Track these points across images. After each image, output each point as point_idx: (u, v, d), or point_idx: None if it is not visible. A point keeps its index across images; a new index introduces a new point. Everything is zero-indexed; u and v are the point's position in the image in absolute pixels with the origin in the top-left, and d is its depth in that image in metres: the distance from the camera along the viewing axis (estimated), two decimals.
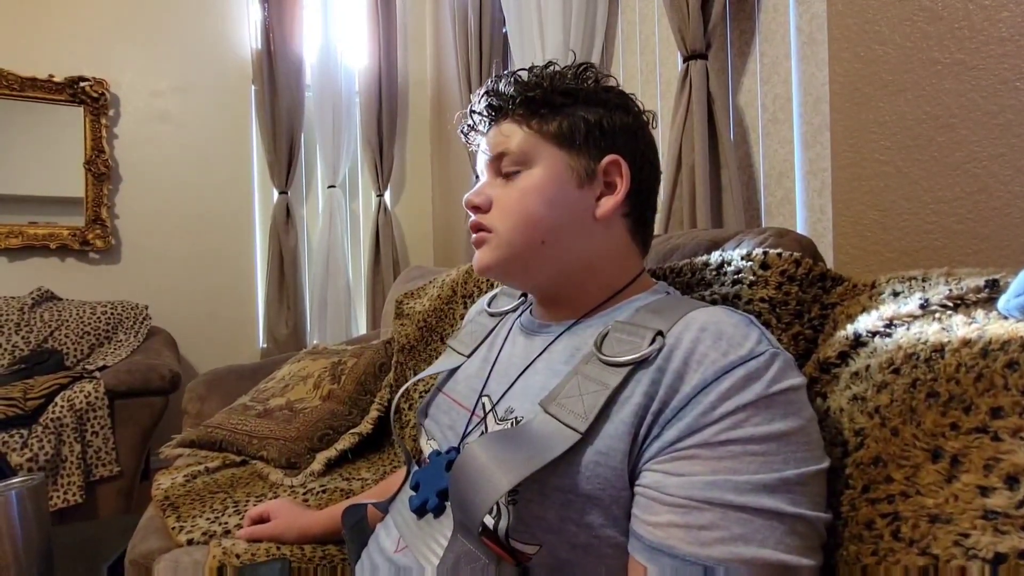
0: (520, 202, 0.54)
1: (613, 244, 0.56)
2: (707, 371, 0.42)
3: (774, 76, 1.23)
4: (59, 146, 2.42)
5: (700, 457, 0.39)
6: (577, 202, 0.54)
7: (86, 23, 2.45)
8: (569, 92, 0.55)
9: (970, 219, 0.89)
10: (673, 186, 1.30)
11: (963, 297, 0.42)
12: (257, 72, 2.62)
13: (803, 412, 0.41)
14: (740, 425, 0.39)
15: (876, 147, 1.00)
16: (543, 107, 0.55)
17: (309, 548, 0.87)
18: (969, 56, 0.87)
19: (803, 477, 0.38)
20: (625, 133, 0.56)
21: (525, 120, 0.55)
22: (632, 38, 1.64)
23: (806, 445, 0.40)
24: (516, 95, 0.55)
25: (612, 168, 0.55)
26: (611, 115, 0.56)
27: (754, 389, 0.40)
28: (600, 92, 0.57)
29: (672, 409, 0.42)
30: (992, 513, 0.31)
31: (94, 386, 1.84)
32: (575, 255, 0.55)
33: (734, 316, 0.46)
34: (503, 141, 0.55)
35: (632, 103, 0.59)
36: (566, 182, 0.54)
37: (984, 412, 0.34)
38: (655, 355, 0.45)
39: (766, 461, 0.38)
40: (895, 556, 0.34)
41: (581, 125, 0.55)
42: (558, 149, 0.54)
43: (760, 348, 0.42)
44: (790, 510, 0.37)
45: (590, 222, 0.55)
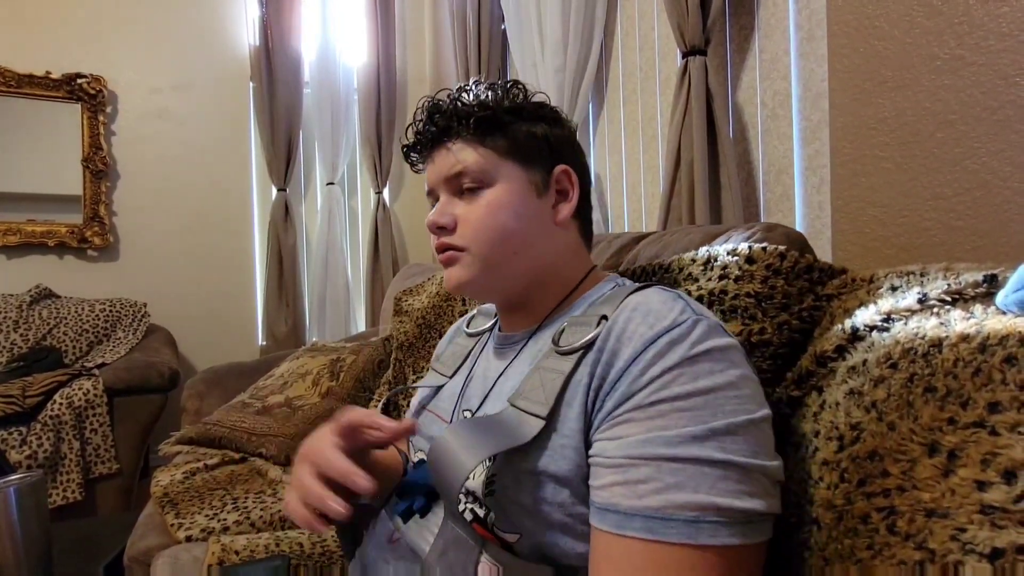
0: (491, 217, 0.56)
1: (569, 245, 0.61)
2: (636, 344, 0.45)
3: (773, 72, 1.23)
4: (57, 143, 2.41)
5: (634, 420, 0.43)
6: (539, 211, 0.58)
7: (84, 20, 2.44)
8: (514, 110, 0.59)
9: (969, 215, 0.89)
10: (672, 183, 1.30)
11: (961, 292, 0.41)
12: (256, 69, 2.61)
13: (730, 370, 0.43)
14: (667, 386, 0.42)
15: (875, 143, 1.00)
16: (493, 126, 0.58)
17: (308, 544, 0.88)
18: (968, 52, 0.87)
19: (732, 427, 0.41)
20: (567, 144, 0.61)
21: (478, 139, 0.58)
22: (631, 34, 1.63)
23: (735, 398, 0.42)
24: (466, 116, 0.57)
25: (563, 177, 0.60)
26: (552, 128, 0.61)
27: (678, 352, 0.43)
28: (537, 108, 0.61)
29: (609, 382, 0.45)
30: (989, 508, 0.31)
31: (93, 383, 1.83)
32: (542, 260, 0.59)
33: (663, 294, 0.50)
34: (460, 159, 0.58)
35: (562, 116, 0.64)
36: (527, 194, 0.58)
37: (982, 407, 0.34)
38: (597, 338, 0.49)
39: (694, 415, 0.41)
40: (891, 550, 0.34)
41: (532, 140, 0.59)
42: (515, 164, 0.58)
43: (683, 317, 0.46)
44: (719, 456, 0.40)
45: (552, 228, 0.59)
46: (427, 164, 0.62)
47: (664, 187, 1.32)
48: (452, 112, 0.59)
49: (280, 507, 1.04)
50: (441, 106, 0.60)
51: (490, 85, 0.61)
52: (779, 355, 0.54)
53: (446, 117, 0.59)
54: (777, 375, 0.54)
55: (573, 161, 0.61)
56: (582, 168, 0.63)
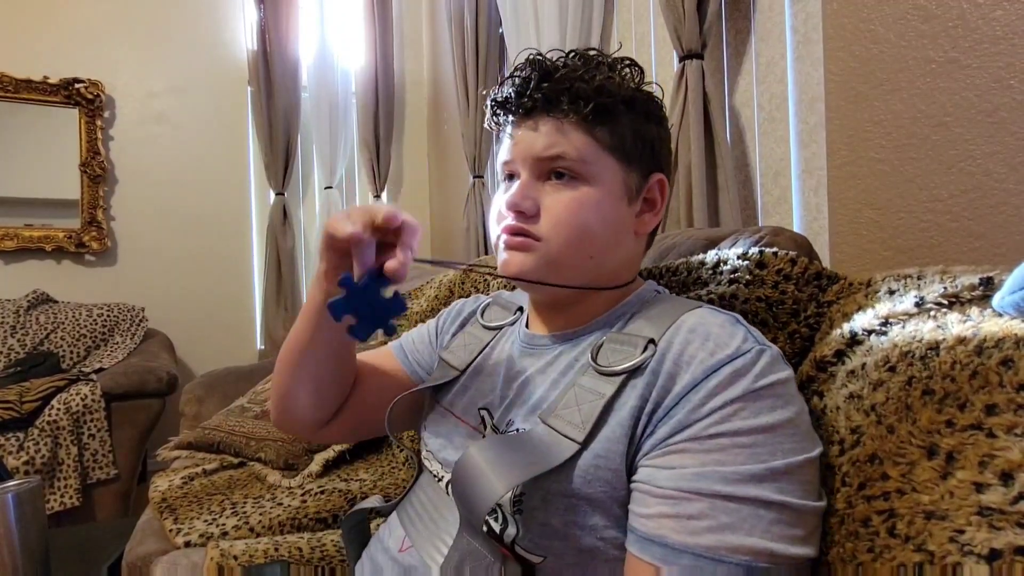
0: (577, 215, 0.51)
1: (635, 256, 0.58)
2: (696, 370, 0.43)
3: (770, 75, 1.23)
4: (54, 148, 2.41)
5: (690, 451, 0.41)
6: (625, 219, 0.54)
7: (81, 25, 2.44)
8: (630, 100, 0.53)
9: (965, 217, 0.89)
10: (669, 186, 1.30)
11: (958, 295, 0.42)
12: (253, 73, 2.61)
13: (791, 404, 0.42)
14: (728, 419, 0.40)
15: (871, 146, 1.01)
16: (607, 115, 0.52)
17: (307, 549, 0.87)
18: (963, 55, 0.88)
19: (791, 467, 0.39)
20: (666, 149, 0.57)
21: (588, 125, 0.51)
22: (628, 38, 1.64)
23: (793, 436, 0.41)
24: (585, 97, 0.51)
25: (656, 187, 0.55)
26: (659, 129, 0.56)
27: (741, 384, 0.41)
28: (649, 102, 0.55)
29: (664, 408, 0.43)
30: (987, 509, 0.31)
31: (91, 389, 1.83)
32: (609, 267, 0.55)
33: (720, 316, 0.47)
34: (561, 142, 0.51)
35: (666, 116, 0.58)
36: (620, 198, 0.53)
37: (979, 409, 0.34)
38: (647, 362, 0.46)
39: (754, 452, 0.39)
40: (891, 553, 0.34)
41: (639, 141, 0.53)
42: (617, 163, 0.53)
43: (746, 346, 0.43)
44: (777, 498, 0.38)
45: (630, 237, 0.55)
46: (515, 132, 0.54)
47: None
48: (567, 88, 0.51)
49: (279, 512, 1.04)
50: (554, 73, 0.52)
51: (605, 61, 0.54)
52: (791, 364, 0.54)
53: (560, 90, 0.51)
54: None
55: (667, 169, 0.57)
56: (671, 176, 0.59)
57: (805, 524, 0.39)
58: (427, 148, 3.04)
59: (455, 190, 2.67)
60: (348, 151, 2.81)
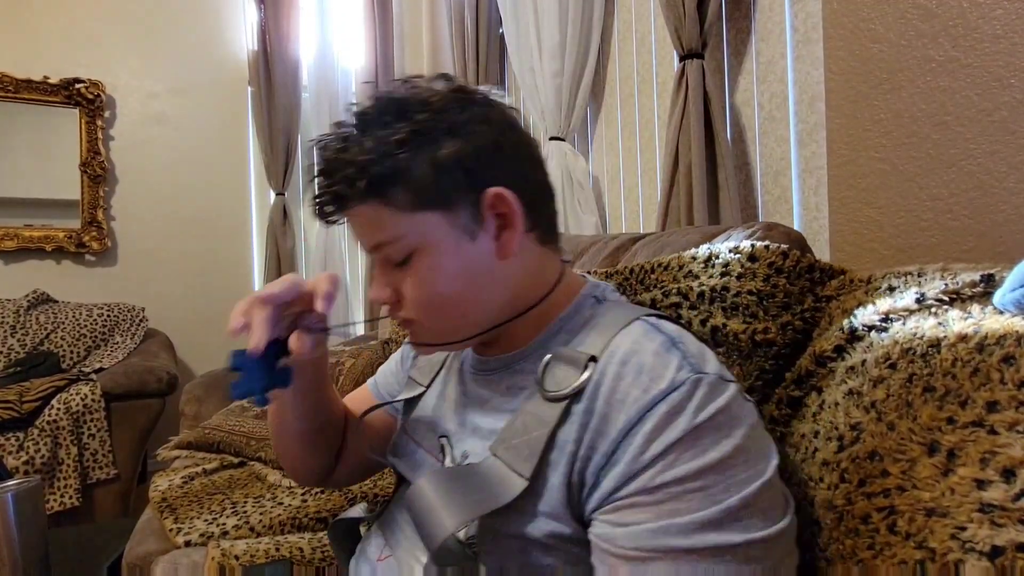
0: (425, 290, 0.48)
1: (528, 269, 0.52)
2: (630, 410, 0.41)
3: (770, 75, 1.23)
4: (55, 148, 2.41)
5: (641, 504, 0.39)
6: (479, 256, 0.49)
7: (82, 25, 2.44)
8: (408, 138, 0.46)
9: (965, 216, 0.89)
10: (670, 185, 1.30)
11: (959, 292, 0.42)
12: (253, 73, 2.62)
13: (736, 429, 0.40)
14: (673, 465, 0.38)
15: (871, 145, 1.01)
16: (393, 174, 0.46)
17: (308, 549, 0.87)
18: (963, 54, 0.88)
19: (747, 500, 0.38)
20: (492, 153, 0.48)
21: (379, 201, 0.47)
22: (628, 38, 1.64)
23: (745, 463, 0.39)
24: (352, 179, 0.46)
25: (496, 202, 0.48)
26: (469, 141, 0.47)
27: (679, 424, 0.39)
28: (447, 116, 0.47)
29: (603, 455, 0.41)
30: (989, 506, 0.31)
31: (91, 388, 1.83)
32: (498, 302, 0.51)
33: (655, 338, 0.44)
34: (372, 232, 0.48)
35: (487, 103, 0.50)
36: (459, 244, 0.48)
37: (980, 406, 0.34)
38: (586, 385, 0.44)
39: (707, 495, 0.38)
40: (891, 550, 0.34)
41: (441, 175, 0.47)
42: (433, 213, 0.47)
43: (681, 376, 0.41)
44: (740, 539, 0.37)
45: (500, 265, 0.49)
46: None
47: (662, 189, 1.32)
48: (344, 179, 0.47)
49: (279, 512, 1.04)
50: (327, 164, 0.49)
51: (375, 103, 0.48)
52: (782, 355, 0.53)
53: (339, 184, 0.47)
54: (778, 375, 0.54)
55: (510, 171, 0.49)
56: (523, 170, 0.51)
57: (776, 547, 0.38)
58: None
59: None
60: None
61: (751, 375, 0.53)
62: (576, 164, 1.74)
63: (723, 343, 0.56)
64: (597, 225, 1.71)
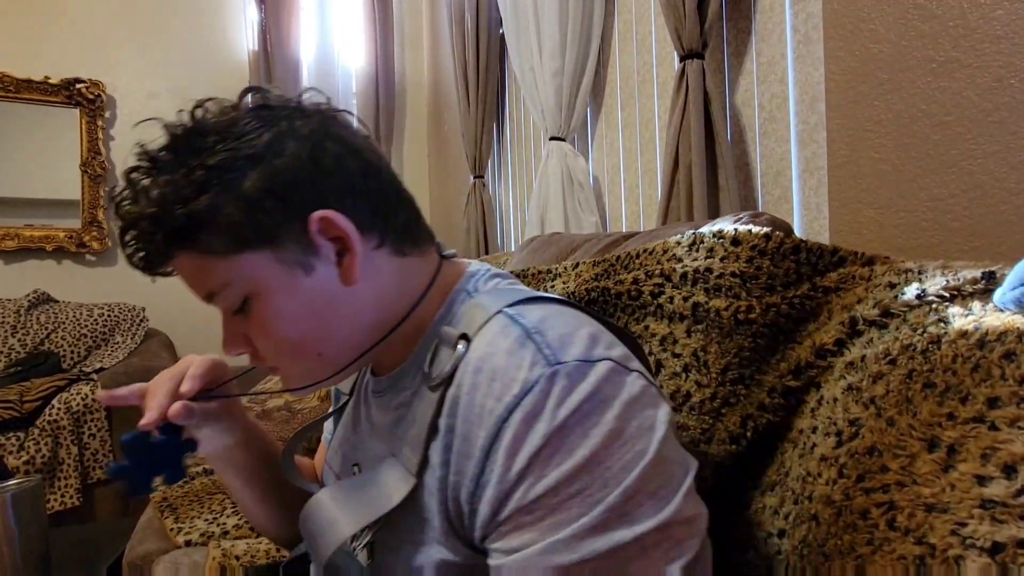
0: (271, 336, 0.44)
1: (386, 283, 0.46)
2: (488, 423, 0.37)
3: (770, 75, 1.24)
4: (55, 148, 2.41)
5: (523, 524, 0.36)
6: (321, 289, 0.43)
7: (83, 25, 2.45)
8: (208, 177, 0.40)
9: (965, 216, 0.89)
10: (670, 185, 1.30)
11: (960, 288, 0.42)
12: (254, 74, 2.62)
13: (605, 415, 0.36)
14: (543, 475, 0.35)
15: (872, 145, 1.01)
16: (198, 220, 0.41)
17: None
18: (964, 54, 0.88)
19: (629, 490, 0.35)
20: (309, 172, 0.42)
21: (192, 250, 0.42)
22: (628, 38, 1.64)
23: (621, 449, 0.35)
24: (151, 231, 0.42)
25: (325, 227, 0.43)
26: (277, 166, 0.41)
27: (539, 429, 0.36)
28: (248, 140, 0.41)
29: (471, 479, 0.38)
30: (989, 502, 0.31)
31: (91, 388, 1.83)
32: (360, 329, 0.46)
33: (510, 336, 0.39)
34: (194, 282, 0.45)
35: (295, 114, 0.44)
36: (293, 281, 0.43)
37: (981, 402, 0.34)
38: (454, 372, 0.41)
39: (584, 498, 0.35)
40: (891, 546, 0.34)
41: (252, 209, 0.41)
42: (255, 253, 0.42)
43: (534, 374, 0.37)
44: (629, 536, 0.34)
45: (349, 292, 0.44)
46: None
47: (662, 189, 1.32)
48: (144, 234, 0.42)
49: None
50: (122, 220, 0.44)
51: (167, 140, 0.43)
52: (761, 334, 0.53)
53: (141, 240, 0.43)
54: (757, 354, 0.53)
55: (326, 185, 0.43)
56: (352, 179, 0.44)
57: (674, 529, 0.35)
58: (427, 148, 3.05)
59: (455, 190, 2.67)
60: None
61: (730, 352, 0.53)
62: (576, 164, 1.74)
63: (703, 320, 0.56)
64: (597, 225, 1.72)
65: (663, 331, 0.59)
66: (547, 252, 1.10)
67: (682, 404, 0.55)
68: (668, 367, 0.57)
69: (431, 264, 0.50)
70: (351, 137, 0.46)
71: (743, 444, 0.50)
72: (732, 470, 0.51)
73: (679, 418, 0.55)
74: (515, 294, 0.44)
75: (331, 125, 0.45)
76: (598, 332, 0.41)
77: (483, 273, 0.50)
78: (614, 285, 0.65)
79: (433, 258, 0.50)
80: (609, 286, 0.66)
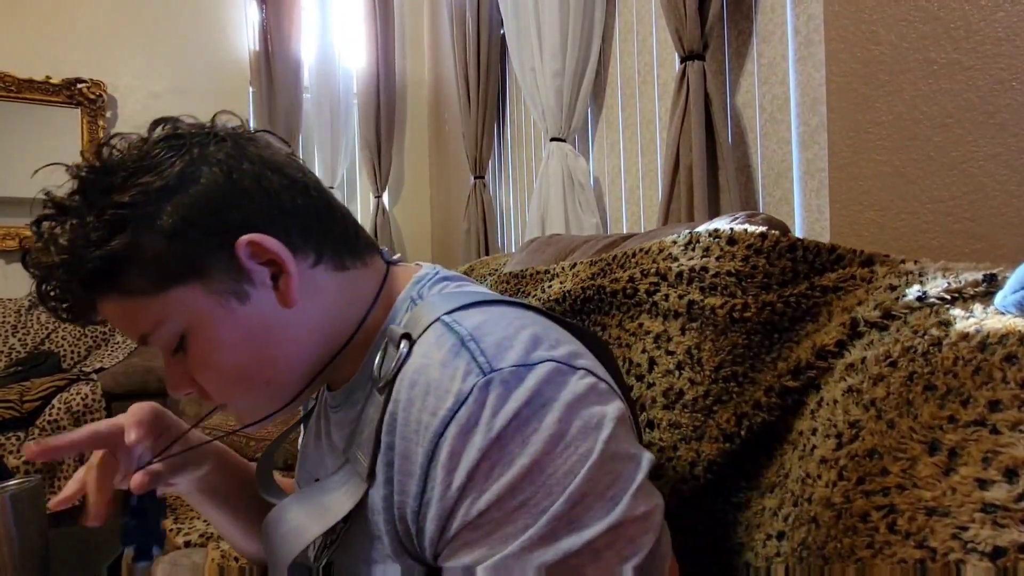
0: (213, 371, 0.43)
1: (329, 300, 0.45)
2: (424, 439, 0.36)
3: (772, 77, 1.24)
4: (56, 148, 2.42)
5: (471, 541, 0.35)
6: (260, 314, 0.42)
7: (84, 25, 2.45)
8: (121, 218, 0.38)
9: (967, 218, 0.89)
10: (671, 186, 1.30)
11: (961, 290, 0.42)
12: (255, 74, 2.62)
13: (546, 418, 0.35)
14: (484, 489, 0.34)
15: (873, 147, 1.01)
16: (112, 267, 0.39)
17: None
18: (965, 56, 0.88)
19: (574, 496, 0.34)
20: (227, 197, 0.40)
21: (116, 294, 0.40)
22: (629, 39, 1.64)
23: (564, 452, 0.34)
24: (67, 280, 0.40)
25: (254, 251, 0.41)
26: (192, 194, 0.40)
27: (475, 442, 0.34)
28: (159, 172, 0.39)
29: (414, 498, 0.37)
30: (991, 506, 0.31)
31: (91, 388, 1.83)
32: (306, 350, 0.44)
33: (445, 345, 0.38)
34: (124, 325, 0.43)
35: (207, 139, 0.42)
36: (229, 311, 0.41)
37: (982, 405, 0.34)
38: (400, 369, 0.40)
39: (529, 508, 0.34)
40: (891, 549, 0.34)
41: (176, 244, 0.39)
42: (183, 288, 0.40)
43: (467, 385, 0.35)
44: (578, 543, 0.33)
45: (290, 315, 0.42)
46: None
47: (663, 191, 1.32)
48: (52, 281, 0.40)
49: None
50: (36, 271, 0.41)
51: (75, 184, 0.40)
52: (756, 331, 0.53)
53: (51, 288, 0.41)
54: (752, 351, 0.52)
55: (248, 207, 0.41)
56: (269, 199, 0.42)
57: (631, 527, 0.35)
58: (428, 148, 3.05)
59: (456, 191, 2.67)
60: (349, 151, 2.82)
61: (724, 349, 0.53)
62: (577, 165, 1.74)
63: (698, 317, 0.56)
64: (598, 226, 1.72)
65: (657, 328, 0.59)
66: (546, 253, 1.10)
67: (675, 402, 0.55)
68: (661, 365, 0.57)
69: (377, 273, 0.48)
70: (271, 156, 0.44)
71: (737, 442, 0.49)
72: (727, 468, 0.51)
73: (672, 416, 0.55)
74: (458, 299, 0.42)
75: (247, 146, 0.43)
76: (541, 333, 0.39)
77: (430, 278, 0.48)
78: (610, 283, 0.65)
79: (378, 267, 0.49)
80: (605, 284, 0.66)
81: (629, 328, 0.62)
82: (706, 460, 0.50)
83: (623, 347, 0.63)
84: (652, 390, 0.57)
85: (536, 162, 2.09)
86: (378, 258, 0.49)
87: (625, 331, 0.63)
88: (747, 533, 0.48)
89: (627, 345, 0.62)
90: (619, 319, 0.64)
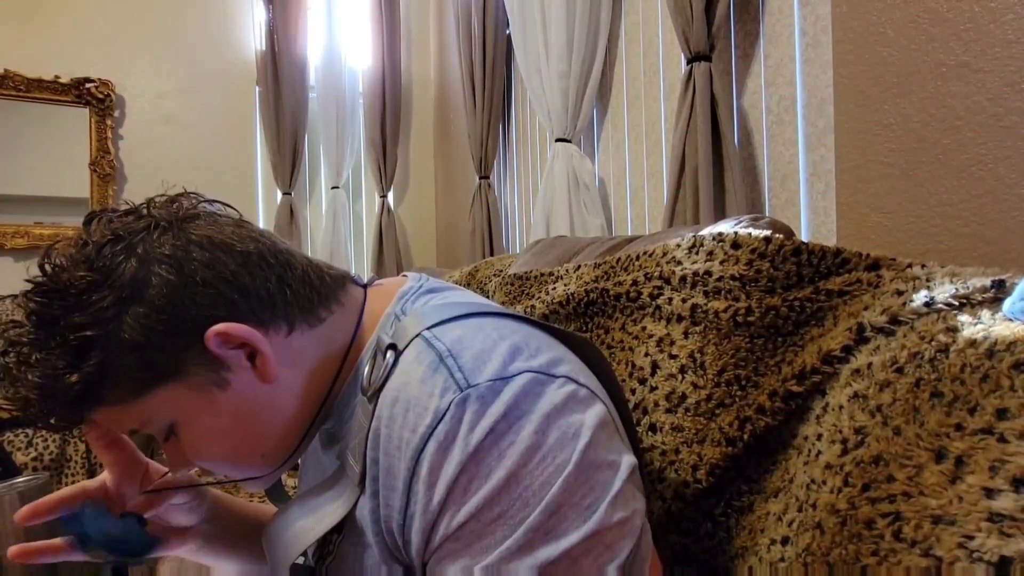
0: (207, 455, 0.44)
1: (310, 361, 0.45)
2: (406, 455, 0.37)
3: (779, 78, 1.23)
4: (64, 147, 2.43)
5: (453, 552, 0.36)
6: (243, 396, 0.42)
7: (92, 25, 2.47)
8: (85, 343, 0.39)
9: (975, 222, 0.88)
10: (676, 188, 1.30)
11: (969, 297, 0.41)
12: (261, 73, 2.63)
13: (522, 431, 0.35)
14: (463, 502, 0.35)
15: (880, 150, 1.00)
16: (88, 390, 0.40)
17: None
18: (974, 58, 0.87)
19: (551, 507, 0.34)
20: (186, 292, 0.40)
21: (98, 407, 0.42)
22: (635, 40, 1.64)
23: (540, 464, 0.35)
24: (48, 410, 0.41)
25: (225, 341, 0.41)
26: (151, 298, 0.39)
27: (454, 457, 0.35)
28: (112, 283, 0.39)
29: (399, 511, 0.38)
30: (998, 516, 0.31)
31: None
32: (295, 414, 0.45)
33: (424, 362, 0.39)
34: (114, 425, 0.44)
35: (151, 232, 0.41)
36: (212, 400, 0.42)
37: (990, 413, 0.34)
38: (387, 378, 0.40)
39: (507, 520, 0.35)
40: (896, 557, 0.34)
41: (146, 353, 0.39)
42: (162, 388, 0.41)
43: (444, 402, 0.36)
44: (555, 553, 0.34)
45: (273, 388, 0.43)
46: None
47: (668, 192, 1.32)
48: (32, 412, 0.41)
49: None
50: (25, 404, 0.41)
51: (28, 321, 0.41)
52: (759, 335, 0.52)
53: (34, 417, 0.41)
54: (755, 355, 0.52)
55: (209, 298, 0.40)
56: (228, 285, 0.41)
57: (608, 534, 0.35)
58: (433, 148, 3.05)
59: (461, 191, 2.67)
60: (355, 151, 2.82)
61: (727, 353, 0.53)
62: (582, 166, 1.73)
63: (701, 321, 0.56)
64: (603, 227, 1.71)
65: (660, 332, 0.59)
66: (551, 255, 1.10)
67: (677, 405, 0.55)
68: (664, 368, 0.57)
69: (354, 306, 0.48)
70: (217, 234, 0.43)
71: (739, 446, 0.49)
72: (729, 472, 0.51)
73: (674, 419, 0.55)
74: (440, 312, 0.43)
75: (191, 229, 0.42)
76: (521, 342, 0.40)
77: (414, 291, 0.48)
78: (613, 287, 0.65)
79: (355, 298, 0.48)
80: (608, 287, 0.66)
81: (632, 331, 0.62)
82: (708, 464, 0.50)
83: (626, 350, 0.62)
84: (655, 393, 0.57)
85: (541, 163, 2.09)
86: (352, 288, 0.49)
87: (628, 334, 0.63)
88: (751, 537, 0.48)
89: (630, 348, 0.62)
90: (622, 322, 0.64)
